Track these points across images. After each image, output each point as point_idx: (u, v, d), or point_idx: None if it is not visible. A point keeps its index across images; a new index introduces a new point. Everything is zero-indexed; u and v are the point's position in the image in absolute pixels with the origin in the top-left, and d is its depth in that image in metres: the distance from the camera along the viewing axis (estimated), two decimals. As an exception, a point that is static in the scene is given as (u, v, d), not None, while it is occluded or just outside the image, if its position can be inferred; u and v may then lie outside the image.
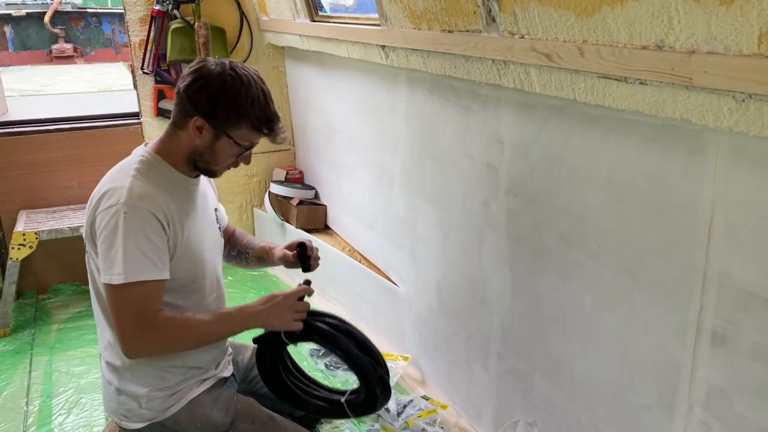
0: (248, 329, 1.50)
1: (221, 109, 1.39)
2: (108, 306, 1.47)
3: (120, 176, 1.41)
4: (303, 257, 1.68)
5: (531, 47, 1.33)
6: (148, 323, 1.37)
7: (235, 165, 1.51)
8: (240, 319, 1.48)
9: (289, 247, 1.73)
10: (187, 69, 1.44)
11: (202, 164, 1.49)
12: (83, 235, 1.47)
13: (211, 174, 1.53)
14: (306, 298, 1.54)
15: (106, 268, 1.35)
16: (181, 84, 1.42)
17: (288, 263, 1.73)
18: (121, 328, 1.37)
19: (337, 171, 2.80)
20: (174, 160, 1.48)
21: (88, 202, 1.45)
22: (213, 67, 1.40)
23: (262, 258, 1.80)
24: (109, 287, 1.35)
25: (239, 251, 1.83)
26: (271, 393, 1.67)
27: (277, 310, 1.49)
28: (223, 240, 1.70)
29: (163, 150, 1.48)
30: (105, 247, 1.35)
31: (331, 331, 1.54)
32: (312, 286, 1.57)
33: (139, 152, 1.48)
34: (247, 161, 1.51)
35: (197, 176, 1.55)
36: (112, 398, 1.53)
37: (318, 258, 1.71)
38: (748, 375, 1.10)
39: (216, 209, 1.68)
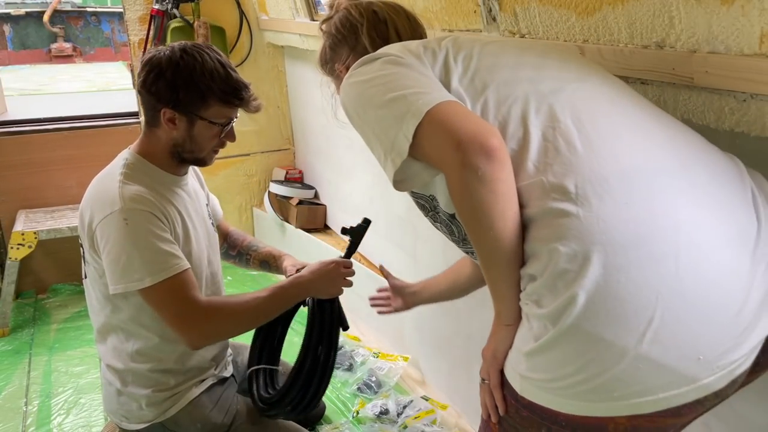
0: (300, 300, 1.50)
1: (183, 93, 1.36)
2: (107, 308, 1.47)
3: (108, 184, 1.38)
4: (353, 245, 1.58)
5: (531, 47, 1.33)
6: (194, 313, 1.36)
7: (222, 145, 1.48)
8: (294, 291, 1.47)
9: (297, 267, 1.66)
10: (140, 64, 1.41)
11: (188, 155, 1.45)
12: (82, 247, 1.45)
13: (201, 162, 1.50)
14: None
15: (126, 276, 1.33)
16: (138, 81, 1.40)
17: None
18: (172, 325, 1.37)
19: (336, 171, 2.80)
20: (158, 160, 1.45)
21: (80, 214, 1.43)
22: (162, 54, 1.37)
23: (267, 263, 1.77)
24: (142, 292, 1.34)
25: (239, 252, 1.81)
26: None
27: (331, 278, 1.49)
28: (217, 235, 1.68)
29: (145, 151, 1.45)
30: (114, 257, 1.33)
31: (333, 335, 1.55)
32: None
33: (123, 156, 1.45)
34: (231, 138, 1.47)
35: (185, 173, 1.53)
36: (113, 399, 1.53)
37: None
38: (749, 375, 1.10)
39: (207, 204, 1.67)
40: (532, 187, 0.83)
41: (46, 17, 10.22)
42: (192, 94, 1.36)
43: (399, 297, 1.65)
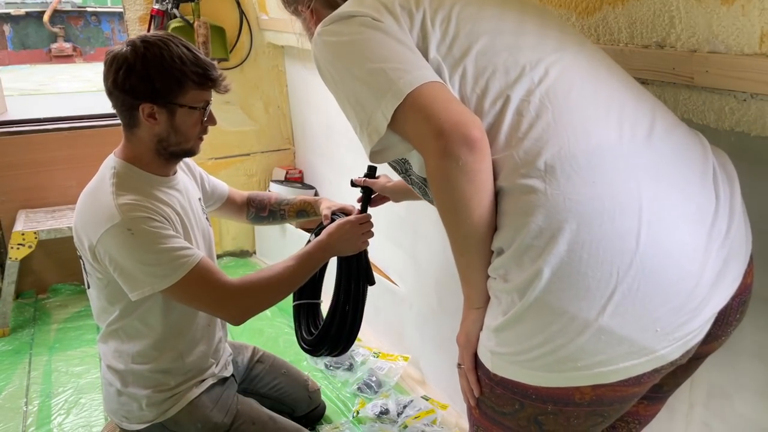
0: (326, 261, 1.55)
1: (159, 82, 1.34)
2: (102, 307, 1.47)
3: (102, 198, 1.37)
4: (367, 197, 1.63)
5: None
6: (228, 295, 1.40)
7: (205, 131, 1.46)
8: (318, 254, 1.51)
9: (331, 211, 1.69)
10: (103, 68, 1.39)
11: (174, 148, 1.43)
12: (82, 259, 1.45)
13: (190, 152, 1.48)
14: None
15: (146, 280, 1.33)
16: (107, 83, 1.37)
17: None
18: (211, 312, 1.47)
19: (337, 170, 2.80)
20: (145, 163, 1.43)
21: (76, 229, 1.42)
22: (125, 50, 1.35)
23: (304, 211, 1.80)
24: (168, 291, 1.35)
25: (271, 210, 1.82)
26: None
27: (348, 237, 1.51)
28: (212, 229, 1.67)
29: (131, 156, 1.43)
30: (129, 267, 1.33)
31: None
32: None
33: (110, 165, 1.43)
34: (213, 121, 1.46)
35: (174, 173, 1.52)
36: (113, 399, 1.53)
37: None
38: (750, 374, 1.10)
39: (200, 198, 1.66)
40: (503, 161, 0.84)
41: (46, 17, 10.22)
42: (168, 82, 1.34)
43: (386, 194, 1.68)
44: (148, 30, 2.85)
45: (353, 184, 1.66)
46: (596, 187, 0.80)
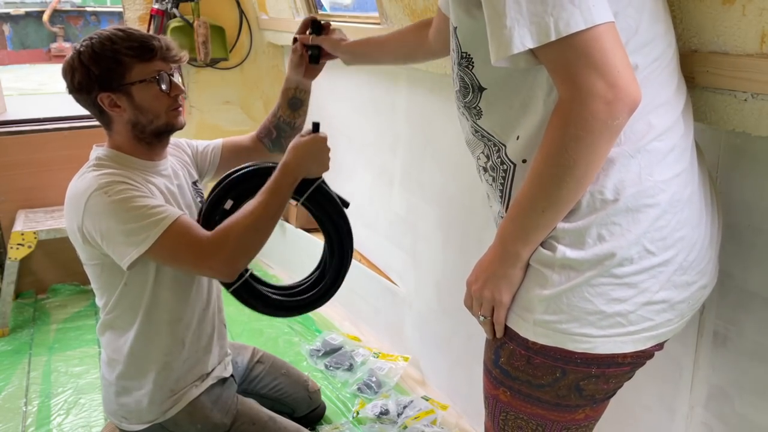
0: (296, 184, 1.45)
1: (97, 69, 1.36)
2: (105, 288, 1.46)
3: (82, 180, 1.39)
4: (317, 31, 1.53)
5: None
6: (208, 248, 1.35)
7: (175, 101, 1.43)
8: (286, 179, 1.43)
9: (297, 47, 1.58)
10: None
11: (151, 128, 1.43)
12: (77, 245, 1.45)
13: (170, 128, 1.46)
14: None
15: (129, 243, 1.32)
16: (67, 90, 1.42)
17: (302, 59, 1.59)
18: (194, 268, 1.39)
19: (336, 170, 2.79)
20: (129, 149, 1.45)
21: (65, 219, 1.43)
22: (69, 57, 1.40)
23: (294, 97, 1.68)
24: (151, 251, 1.33)
25: (275, 126, 1.73)
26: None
27: (312, 154, 1.45)
28: None
29: (114, 144, 1.46)
30: (112, 228, 1.33)
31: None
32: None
33: (94, 155, 1.47)
34: (178, 89, 1.43)
35: (163, 158, 1.51)
36: (112, 400, 1.53)
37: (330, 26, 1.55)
38: (750, 375, 1.10)
39: (195, 182, 1.65)
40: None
41: (45, 17, 10.23)
42: (105, 65, 1.36)
43: (333, 53, 1.54)
44: (148, 30, 2.85)
45: (296, 41, 1.54)
46: (679, 171, 0.88)
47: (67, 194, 1.42)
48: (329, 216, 1.55)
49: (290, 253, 2.97)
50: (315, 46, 1.54)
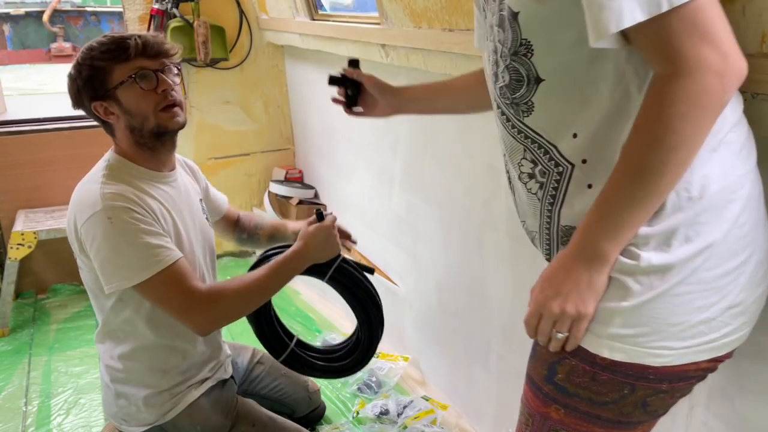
0: (301, 270, 1.50)
1: (83, 80, 1.37)
2: (103, 307, 1.47)
3: (91, 187, 1.38)
4: (355, 93, 1.39)
5: (532, 46, 1.32)
6: (196, 301, 1.34)
7: (164, 99, 1.39)
8: (294, 264, 1.47)
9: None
10: None
11: (146, 130, 1.40)
12: (74, 252, 1.44)
13: (164, 129, 1.41)
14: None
15: (119, 273, 1.32)
16: (72, 106, 1.44)
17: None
18: (177, 316, 1.36)
19: (337, 170, 2.80)
20: (135, 157, 1.44)
21: (67, 220, 1.43)
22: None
23: (273, 236, 1.80)
24: (139, 288, 1.33)
25: (249, 234, 1.83)
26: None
27: (323, 241, 1.50)
28: (212, 230, 1.67)
29: (122, 151, 1.45)
30: (105, 256, 1.32)
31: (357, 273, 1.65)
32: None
33: (105, 158, 1.46)
34: (164, 84, 1.38)
35: (171, 169, 1.51)
36: (112, 402, 1.53)
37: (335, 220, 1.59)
38: (750, 375, 1.09)
39: (201, 199, 1.66)
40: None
41: (45, 17, 10.23)
42: (87, 74, 1.37)
43: (376, 96, 1.36)
44: (148, 29, 2.85)
45: (333, 80, 1.37)
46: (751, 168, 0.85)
47: (73, 197, 1.41)
48: (353, 295, 1.65)
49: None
50: (355, 81, 1.36)
